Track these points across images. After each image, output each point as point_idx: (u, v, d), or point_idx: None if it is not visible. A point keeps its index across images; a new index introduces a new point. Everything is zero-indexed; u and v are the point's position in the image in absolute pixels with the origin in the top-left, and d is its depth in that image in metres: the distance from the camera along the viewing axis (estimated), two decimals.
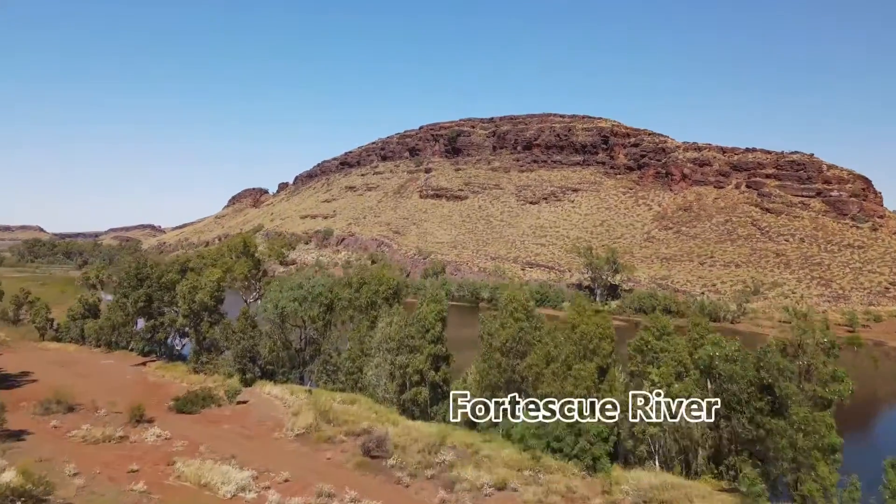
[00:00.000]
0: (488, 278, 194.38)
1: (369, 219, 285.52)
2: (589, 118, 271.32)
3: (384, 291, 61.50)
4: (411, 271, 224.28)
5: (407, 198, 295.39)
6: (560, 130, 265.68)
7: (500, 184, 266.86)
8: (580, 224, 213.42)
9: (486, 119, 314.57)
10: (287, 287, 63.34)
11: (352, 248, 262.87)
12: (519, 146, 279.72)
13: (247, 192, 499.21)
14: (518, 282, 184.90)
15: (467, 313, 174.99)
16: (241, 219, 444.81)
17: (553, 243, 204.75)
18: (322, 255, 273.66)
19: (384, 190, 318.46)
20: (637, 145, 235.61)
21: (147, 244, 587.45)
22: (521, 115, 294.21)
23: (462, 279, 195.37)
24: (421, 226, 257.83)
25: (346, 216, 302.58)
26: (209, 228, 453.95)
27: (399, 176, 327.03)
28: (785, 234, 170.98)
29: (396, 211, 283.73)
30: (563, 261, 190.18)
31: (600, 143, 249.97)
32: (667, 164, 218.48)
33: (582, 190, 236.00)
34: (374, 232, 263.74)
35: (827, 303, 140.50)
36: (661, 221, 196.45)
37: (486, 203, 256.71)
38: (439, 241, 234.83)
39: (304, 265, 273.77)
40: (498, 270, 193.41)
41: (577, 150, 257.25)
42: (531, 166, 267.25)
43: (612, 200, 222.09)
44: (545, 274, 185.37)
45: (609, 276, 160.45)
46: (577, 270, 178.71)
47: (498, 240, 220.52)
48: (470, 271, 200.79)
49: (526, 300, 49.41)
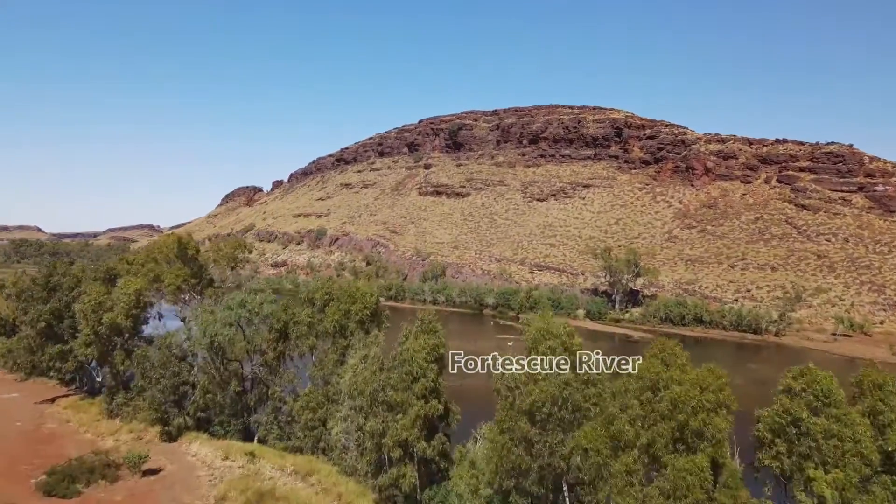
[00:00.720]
0: (493, 282, 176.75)
1: (365, 217, 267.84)
2: (600, 109, 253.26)
3: (358, 312, 43.36)
4: (409, 274, 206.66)
5: (405, 195, 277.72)
6: (569, 122, 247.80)
7: (504, 180, 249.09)
8: (593, 222, 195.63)
9: (490, 112, 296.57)
10: (226, 305, 45.48)
11: (346, 249, 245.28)
12: (525, 140, 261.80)
13: (240, 190, 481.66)
14: (526, 286, 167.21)
15: (470, 321, 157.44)
16: (232, 218, 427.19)
17: (564, 244, 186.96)
18: (314, 255, 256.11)
19: (381, 187, 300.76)
20: (653, 137, 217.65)
21: (139, 244, 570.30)
22: (526, 107, 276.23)
23: (464, 283, 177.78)
24: (420, 225, 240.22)
25: (340, 215, 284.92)
26: (200, 228, 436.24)
27: (397, 172, 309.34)
28: (825, 233, 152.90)
29: (394, 209, 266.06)
30: (575, 263, 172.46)
31: (613, 135, 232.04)
32: (687, 158, 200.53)
33: (594, 186, 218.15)
34: (369, 231, 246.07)
35: (882, 311, 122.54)
36: (683, 219, 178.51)
37: (489, 200, 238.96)
38: (439, 242, 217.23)
39: (295, 267, 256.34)
40: (504, 273, 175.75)
41: (587, 144, 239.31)
42: (538, 161, 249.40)
43: (627, 197, 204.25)
44: (556, 277, 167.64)
45: (630, 281, 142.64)
46: (592, 273, 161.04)
47: (503, 240, 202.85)
48: (473, 274, 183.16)
49: (569, 334, 31.44)
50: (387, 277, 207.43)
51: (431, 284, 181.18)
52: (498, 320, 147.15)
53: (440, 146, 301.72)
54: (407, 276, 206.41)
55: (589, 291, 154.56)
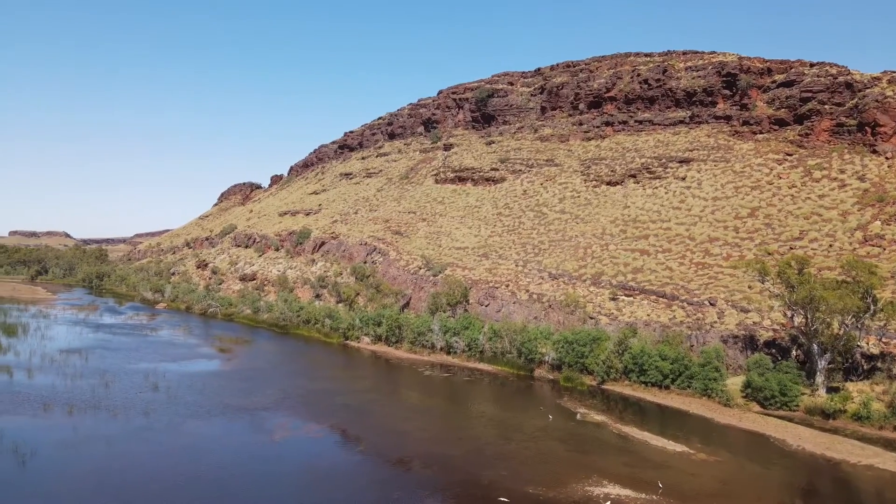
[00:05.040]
0: (548, 314, 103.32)
1: (362, 214, 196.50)
2: (694, 53, 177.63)
3: None
4: (413, 295, 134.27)
5: (417, 184, 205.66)
6: (648, 75, 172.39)
7: (554, 158, 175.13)
8: (709, 214, 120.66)
9: (530, 72, 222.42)
10: None
11: (332, 257, 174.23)
12: (582, 103, 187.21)
13: (236, 187, 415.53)
14: (610, 324, 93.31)
15: (512, 395, 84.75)
16: (223, 218, 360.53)
17: (664, 248, 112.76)
18: (291, 266, 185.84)
19: (388, 175, 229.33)
20: (791, 84, 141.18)
21: (117, 253, 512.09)
22: (582, 60, 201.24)
23: (501, 317, 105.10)
24: (434, 222, 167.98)
25: (332, 211, 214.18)
26: (187, 231, 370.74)
27: (409, 157, 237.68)
28: None
29: (401, 202, 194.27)
30: (693, 283, 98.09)
31: (720, 87, 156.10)
32: (859, 110, 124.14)
33: (696, 160, 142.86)
34: (364, 233, 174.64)
35: None
36: (880, 206, 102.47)
37: (534, 186, 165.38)
38: (459, 246, 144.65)
39: (266, 281, 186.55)
40: (568, 301, 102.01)
41: (677, 102, 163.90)
42: (603, 130, 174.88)
43: (756, 174, 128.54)
44: (661, 309, 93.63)
45: (853, 325, 68.12)
46: (735, 306, 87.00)
47: (559, 243, 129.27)
48: (514, 300, 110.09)
49: None
50: (380, 301, 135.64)
51: (445, 318, 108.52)
52: (563, 397, 74.96)
53: (464, 121, 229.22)
54: (410, 300, 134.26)
55: (738, 339, 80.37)
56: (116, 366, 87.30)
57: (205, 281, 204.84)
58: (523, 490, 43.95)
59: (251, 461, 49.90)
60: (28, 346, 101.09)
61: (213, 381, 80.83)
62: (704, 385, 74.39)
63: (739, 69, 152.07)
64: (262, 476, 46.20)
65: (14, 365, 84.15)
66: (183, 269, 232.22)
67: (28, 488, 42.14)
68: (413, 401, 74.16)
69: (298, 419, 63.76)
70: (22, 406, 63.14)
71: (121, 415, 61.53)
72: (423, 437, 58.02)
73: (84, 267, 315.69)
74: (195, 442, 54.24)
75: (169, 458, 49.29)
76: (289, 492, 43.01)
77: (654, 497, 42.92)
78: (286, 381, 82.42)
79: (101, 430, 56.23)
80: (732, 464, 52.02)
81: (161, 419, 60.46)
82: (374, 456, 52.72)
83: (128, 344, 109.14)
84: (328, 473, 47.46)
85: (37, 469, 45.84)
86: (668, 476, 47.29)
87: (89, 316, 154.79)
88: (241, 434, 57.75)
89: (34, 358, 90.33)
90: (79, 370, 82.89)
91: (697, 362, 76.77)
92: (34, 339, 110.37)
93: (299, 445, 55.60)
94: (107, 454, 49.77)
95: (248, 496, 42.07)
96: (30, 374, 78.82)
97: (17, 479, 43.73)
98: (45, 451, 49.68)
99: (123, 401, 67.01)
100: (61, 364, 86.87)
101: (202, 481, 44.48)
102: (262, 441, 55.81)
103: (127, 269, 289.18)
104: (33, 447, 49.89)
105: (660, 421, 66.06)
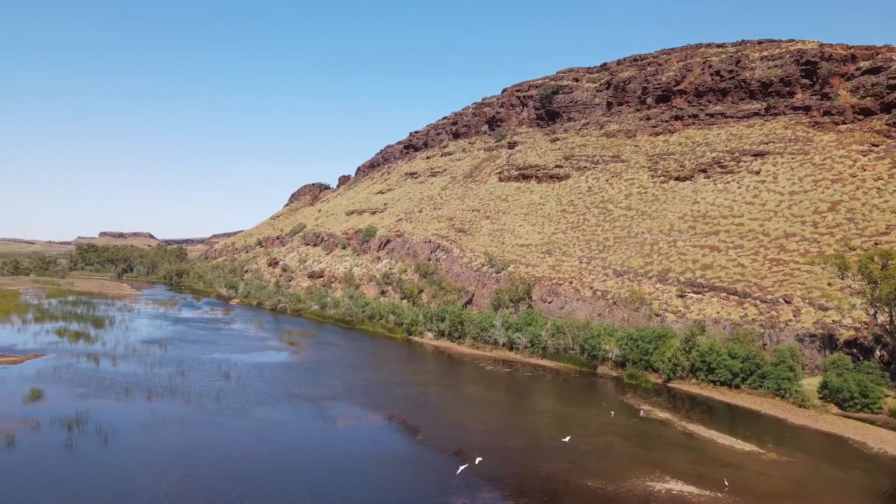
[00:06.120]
0: (612, 311, 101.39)
1: (426, 213, 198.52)
2: (770, 42, 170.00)
3: None
4: (476, 292, 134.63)
5: (481, 182, 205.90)
6: (720, 66, 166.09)
7: (621, 154, 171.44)
8: (785, 209, 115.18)
9: (596, 67, 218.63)
10: None
11: (397, 255, 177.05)
12: (650, 97, 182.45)
13: (306, 188, 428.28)
14: (677, 322, 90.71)
15: (575, 389, 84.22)
16: (293, 218, 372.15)
17: (735, 245, 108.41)
18: (358, 263, 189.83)
19: (452, 174, 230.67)
20: (878, 70, 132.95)
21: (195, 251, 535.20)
22: (650, 53, 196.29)
23: (564, 314, 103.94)
24: (497, 220, 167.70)
25: (397, 210, 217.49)
26: (259, 231, 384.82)
27: (473, 156, 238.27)
28: None
29: (464, 201, 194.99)
30: (766, 280, 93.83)
31: (799, 76, 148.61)
32: None
33: (772, 153, 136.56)
34: (429, 231, 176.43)
35: None
36: None
37: (599, 183, 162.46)
38: (523, 244, 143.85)
39: (333, 278, 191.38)
40: (633, 297, 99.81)
41: (752, 94, 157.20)
42: (671, 125, 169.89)
43: (839, 167, 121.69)
44: (732, 307, 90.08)
45: None
46: (813, 304, 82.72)
47: (625, 240, 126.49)
48: (577, 297, 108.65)
49: None
50: (443, 297, 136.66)
51: (507, 315, 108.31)
52: (627, 394, 73.31)
53: (528, 118, 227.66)
54: (473, 297, 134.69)
55: (816, 338, 76.41)
56: (192, 356, 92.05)
57: (275, 278, 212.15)
58: (582, 483, 43.44)
59: (315, 446, 51.54)
60: (113, 337, 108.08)
61: (281, 372, 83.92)
62: (777, 385, 71.08)
63: (820, 56, 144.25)
64: (325, 460, 47.63)
65: (101, 354, 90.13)
66: (255, 267, 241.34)
67: (109, 464, 45.09)
68: (474, 395, 74.46)
69: (361, 409, 65.27)
70: (106, 391, 67.54)
71: (195, 400, 64.81)
72: (482, 430, 58.18)
73: (165, 265, 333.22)
74: (262, 427, 56.46)
75: (237, 441, 51.57)
76: (350, 476, 44.16)
77: (719, 495, 41.49)
78: (350, 374, 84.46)
79: (176, 413, 59.44)
80: (807, 465, 49.56)
81: (232, 405, 63.29)
82: (433, 446, 53.32)
83: (203, 336, 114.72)
84: (388, 460, 48.41)
85: (117, 447, 48.98)
86: (736, 475, 45.58)
87: (169, 310, 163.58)
88: (306, 421, 59.66)
89: (119, 348, 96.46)
90: (158, 359, 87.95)
91: (770, 361, 73.47)
92: (119, 330, 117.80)
93: (361, 433, 56.91)
94: (180, 435, 52.59)
95: (310, 478, 43.50)
96: (114, 362, 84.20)
97: (100, 456, 46.89)
98: (126, 431, 52.99)
99: (198, 388, 70.58)
100: (142, 354, 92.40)
101: (268, 463, 46.33)
102: (326, 428, 57.48)
103: (204, 268, 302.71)
104: (115, 428, 53.32)
105: (728, 420, 63.66)
